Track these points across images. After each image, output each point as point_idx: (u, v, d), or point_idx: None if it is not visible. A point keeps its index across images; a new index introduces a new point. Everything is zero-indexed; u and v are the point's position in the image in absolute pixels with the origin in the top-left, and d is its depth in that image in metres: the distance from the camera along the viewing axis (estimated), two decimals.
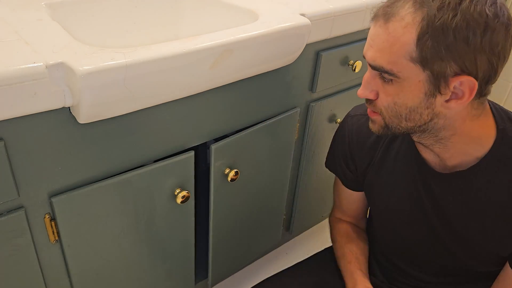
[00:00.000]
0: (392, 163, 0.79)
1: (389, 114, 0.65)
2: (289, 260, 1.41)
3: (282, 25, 0.83)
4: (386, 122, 0.66)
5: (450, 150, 0.68)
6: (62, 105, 0.64)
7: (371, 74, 0.64)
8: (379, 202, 0.84)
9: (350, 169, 0.87)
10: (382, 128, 0.68)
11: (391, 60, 0.59)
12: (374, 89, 0.65)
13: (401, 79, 0.60)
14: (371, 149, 0.82)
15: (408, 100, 0.62)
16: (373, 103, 0.66)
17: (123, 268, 0.89)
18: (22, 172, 0.68)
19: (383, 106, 0.64)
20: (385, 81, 0.62)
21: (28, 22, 0.74)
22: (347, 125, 0.85)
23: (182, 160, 0.85)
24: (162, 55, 0.67)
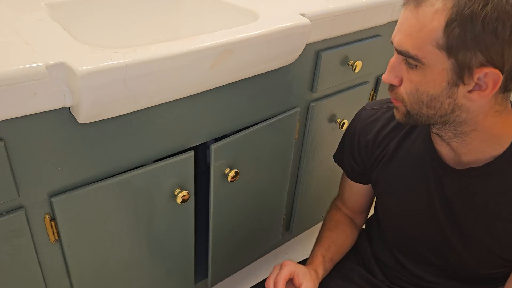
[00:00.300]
0: (404, 158, 0.79)
1: (411, 100, 0.64)
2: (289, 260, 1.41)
3: (282, 25, 0.83)
4: (408, 109, 0.66)
5: (468, 145, 0.68)
6: (62, 105, 0.64)
7: (397, 60, 0.64)
8: (387, 197, 0.83)
9: (356, 161, 0.87)
10: (404, 116, 0.67)
11: (417, 45, 0.59)
12: (399, 75, 0.64)
13: (425, 66, 0.60)
14: (383, 143, 0.82)
15: (430, 88, 0.61)
16: (395, 90, 0.66)
17: (123, 268, 0.89)
18: (22, 172, 0.68)
19: (406, 92, 0.64)
20: (410, 67, 0.62)
21: (28, 22, 0.74)
22: (361, 118, 0.85)
23: (182, 160, 0.85)
24: (162, 55, 0.67)
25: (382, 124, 0.83)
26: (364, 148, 0.85)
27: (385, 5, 1.10)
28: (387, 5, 1.10)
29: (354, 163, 0.88)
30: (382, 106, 0.85)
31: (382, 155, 0.82)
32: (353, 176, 0.91)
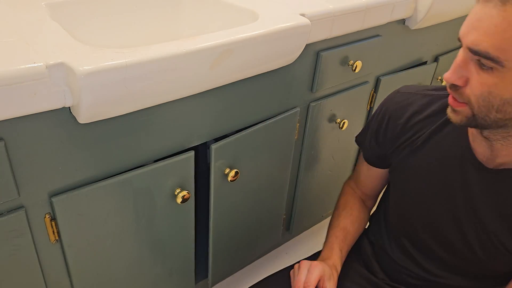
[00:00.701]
0: (434, 150, 0.76)
1: (480, 103, 0.59)
2: (289, 260, 1.41)
3: (282, 25, 0.83)
4: (474, 113, 0.61)
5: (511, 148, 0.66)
6: (62, 105, 0.64)
7: (464, 59, 0.59)
8: (406, 185, 0.82)
9: (379, 143, 0.85)
10: (467, 119, 0.63)
11: (500, 46, 0.54)
12: (465, 75, 0.59)
13: (505, 69, 0.55)
14: (412, 130, 0.79)
15: (506, 92, 0.57)
16: (460, 91, 0.61)
17: (123, 268, 0.89)
18: (22, 172, 0.68)
19: (474, 94, 0.59)
20: (483, 69, 0.57)
21: (28, 22, 0.74)
22: (394, 100, 0.82)
23: (182, 160, 0.85)
24: (162, 55, 0.68)
25: (415, 110, 0.79)
26: (392, 131, 0.82)
27: (385, 5, 1.10)
28: (387, 5, 1.10)
29: (375, 144, 0.86)
30: (418, 91, 0.82)
31: (409, 141, 0.80)
32: (370, 159, 0.90)
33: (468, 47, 0.57)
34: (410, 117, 0.80)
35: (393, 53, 1.28)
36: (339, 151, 1.30)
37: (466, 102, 0.61)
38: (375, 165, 0.90)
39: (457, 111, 0.63)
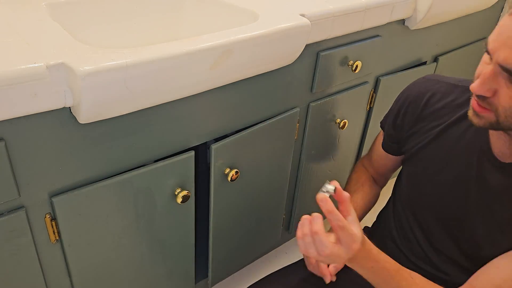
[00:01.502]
0: (451, 142, 0.77)
1: (507, 114, 0.60)
2: (289, 259, 1.41)
3: (282, 25, 0.84)
4: (499, 121, 0.61)
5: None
6: (62, 105, 0.64)
7: (494, 72, 0.58)
8: (421, 175, 0.82)
9: (396, 127, 0.85)
10: (490, 124, 0.63)
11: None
12: (494, 87, 0.59)
13: None
14: (430, 117, 0.80)
15: None
16: (487, 100, 0.61)
17: (123, 268, 0.89)
18: (23, 172, 0.68)
19: (502, 106, 0.59)
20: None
21: (28, 22, 0.75)
22: (417, 86, 0.83)
23: (182, 160, 0.85)
24: (162, 55, 0.68)
25: (436, 98, 0.80)
26: (410, 115, 0.82)
27: (384, 5, 1.10)
28: (387, 6, 1.11)
29: (392, 129, 0.87)
30: (443, 79, 0.82)
31: (426, 129, 0.80)
32: (387, 145, 0.91)
33: (500, 64, 0.57)
34: (429, 104, 0.80)
35: (393, 53, 1.28)
36: (339, 151, 1.30)
37: (493, 111, 0.61)
38: (389, 151, 0.91)
39: (481, 116, 0.63)
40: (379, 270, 0.71)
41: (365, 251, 0.69)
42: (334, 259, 0.67)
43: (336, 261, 0.68)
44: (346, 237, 0.66)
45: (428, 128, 0.80)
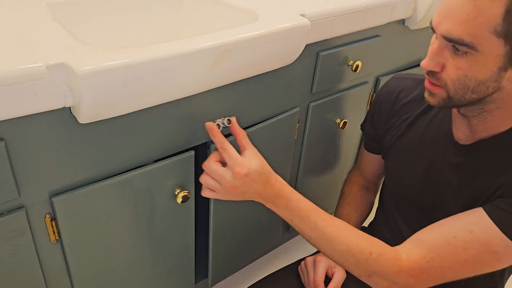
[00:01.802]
0: (420, 132, 0.81)
1: (456, 86, 0.64)
2: (289, 259, 1.41)
3: (282, 25, 0.84)
4: (450, 95, 0.65)
5: (487, 123, 0.70)
6: (62, 105, 0.64)
7: (439, 46, 0.63)
8: (397, 170, 0.87)
9: (374, 127, 0.91)
10: (443, 101, 0.67)
11: (473, 33, 0.58)
12: (441, 61, 0.64)
13: (478, 53, 0.60)
14: (399, 112, 0.85)
15: (481, 74, 0.62)
16: (436, 75, 0.65)
17: (123, 268, 0.89)
18: (23, 172, 0.68)
19: (451, 78, 0.64)
20: (457, 54, 0.61)
21: (28, 22, 0.75)
22: (387, 85, 0.89)
23: (182, 160, 0.86)
24: (162, 55, 0.68)
25: (403, 94, 0.86)
26: (383, 113, 0.88)
27: (384, 5, 1.10)
28: (387, 6, 1.11)
29: (372, 130, 0.92)
30: (410, 76, 0.88)
31: (397, 124, 0.85)
32: (368, 145, 0.96)
33: (443, 35, 0.61)
34: (397, 100, 0.86)
35: (393, 53, 1.28)
36: (339, 151, 1.30)
37: (443, 86, 0.65)
38: (371, 151, 0.97)
39: (434, 94, 0.67)
40: (295, 209, 0.75)
41: (274, 188, 0.75)
42: (225, 183, 0.72)
43: (228, 188, 0.73)
44: (229, 160, 0.72)
45: (400, 122, 0.85)
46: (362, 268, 0.72)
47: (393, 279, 0.71)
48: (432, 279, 0.71)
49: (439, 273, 0.70)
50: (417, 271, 0.70)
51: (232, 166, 0.72)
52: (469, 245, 0.68)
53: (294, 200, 0.76)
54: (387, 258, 0.71)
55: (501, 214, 0.67)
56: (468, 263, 0.68)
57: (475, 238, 0.67)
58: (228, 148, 0.73)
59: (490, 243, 0.67)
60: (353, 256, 0.72)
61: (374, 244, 0.73)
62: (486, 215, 0.68)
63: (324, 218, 0.75)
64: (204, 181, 0.76)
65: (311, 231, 0.75)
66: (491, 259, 0.67)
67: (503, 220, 0.66)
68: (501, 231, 0.66)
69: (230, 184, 0.72)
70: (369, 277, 0.73)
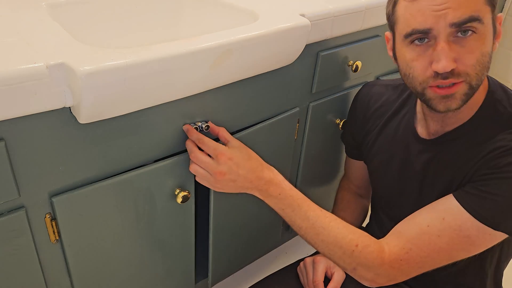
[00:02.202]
0: (390, 134, 0.85)
1: (477, 70, 0.65)
2: (289, 259, 1.41)
3: (282, 25, 0.84)
4: (472, 84, 0.66)
5: (459, 114, 0.72)
6: (62, 105, 0.64)
7: (447, 43, 0.64)
8: (376, 172, 0.90)
9: (353, 134, 0.94)
10: (465, 96, 0.67)
11: (476, 7, 0.62)
12: (453, 56, 0.64)
13: (483, 26, 0.63)
14: (373, 117, 0.89)
15: (488, 46, 0.65)
16: (455, 71, 0.65)
17: (123, 268, 0.89)
18: (23, 172, 0.68)
19: (470, 65, 0.64)
20: (466, 38, 0.63)
21: (28, 22, 0.75)
22: (360, 93, 0.94)
23: (182, 160, 0.85)
24: (162, 55, 0.68)
25: (375, 100, 0.90)
26: (359, 120, 0.93)
27: (384, 5, 1.09)
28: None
29: (351, 138, 0.96)
30: (378, 83, 0.93)
31: (372, 128, 0.89)
32: (350, 152, 1.01)
33: (454, 23, 0.62)
34: (369, 106, 0.91)
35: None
36: (339, 151, 1.30)
37: (463, 79, 0.65)
38: (354, 157, 1.00)
39: (454, 96, 0.66)
40: (287, 198, 0.77)
41: (267, 176, 0.77)
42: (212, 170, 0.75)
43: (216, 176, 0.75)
44: (209, 149, 0.76)
45: (374, 126, 0.89)
46: (348, 260, 0.74)
47: (376, 271, 0.72)
48: (413, 269, 0.72)
49: (419, 262, 0.71)
50: (398, 263, 0.72)
51: (214, 153, 0.76)
52: (442, 233, 0.69)
53: (287, 188, 0.78)
54: (371, 250, 0.73)
55: (469, 198, 0.68)
56: (443, 251, 0.70)
57: (448, 225, 0.69)
58: (206, 141, 0.77)
59: (462, 228, 0.68)
60: (340, 247, 0.74)
61: (361, 237, 0.74)
62: (455, 201, 0.69)
63: (314, 209, 0.78)
64: (194, 170, 0.79)
65: (302, 221, 0.77)
66: (465, 244, 0.69)
67: (471, 204, 0.68)
68: (470, 214, 0.67)
69: (217, 171, 0.75)
70: (354, 270, 0.74)
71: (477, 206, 0.67)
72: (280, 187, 0.78)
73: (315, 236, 0.76)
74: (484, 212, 0.66)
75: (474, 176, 0.70)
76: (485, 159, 0.69)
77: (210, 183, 0.78)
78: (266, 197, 0.79)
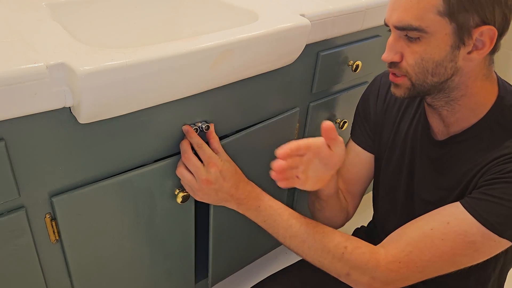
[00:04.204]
0: (407, 126, 0.83)
1: (416, 71, 0.68)
2: (289, 259, 1.41)
3: (282, 25, 0.84)
4: (412, 82, 0.69)
5: (456, 113, 0.72)
6: (62, 105, 0.64)
7: (394, 38, 0.68)
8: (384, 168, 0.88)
9: (368, 121, 0.91)
10: (408, 90, 0.70)
11: (418, 16, 0.63)
12: (399, 51, 0.68)
13: (428, 34, 0.64)
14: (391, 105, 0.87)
15: (435, 54, 0.65)
16: (398, 66, 0.69)
17: (123, 268, 0.89)
18: (23, 172, 0.68)
19: (410, 64, 0.67)
20: (411, 41, 0.66)
21: (28, 22, 0.75)
22: (381, 81, 0.90)
23: None
24: (162, 55, 0.68)
25: (383, 90, 0.88)
26: (381, 108, 0.89)
27: (384, 5, 1.10)
28: (387, 6, 1.10)
29: (366, 123, 0.92)
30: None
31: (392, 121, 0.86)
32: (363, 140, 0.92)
33: (394, 25, 0.67)
34: (380, 95, 0.89)
35: None
36: None
37: (405, 74, 0.69)
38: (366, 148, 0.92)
39: (398, 85, 0.71)
40: (267, 209, 0.78)
41: (246, 190, 0.80)
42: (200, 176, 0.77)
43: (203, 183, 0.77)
44: (204, 156, 0.78)
45: (393, 119, 0.86)
46: (338, 265, 0.72)
47: (372, 274, 0.70)
48: (413, 273, 0.70)
49: (419, 267, 0.69)
50: (396, 265, 0.69)
51: (208, 161, 0.77)
52: (446, 236, 0.67)
53: (265, 199, 0.79)
54: (363, 251, 0.71)
55: (475, 203, 0.67)
56: (446, 255, 0.68)
57: (452, 229, 0.67)
58: (204, 147, 0.79)
59: (467, 233, 0.66)
60: (328, 251, 0.72)
61: (349, 239, 0.73)
62: (461, 207, 0.68)
63: (297, 216, 0.77)
64: (180, 174, 0.80)
65: (285, 230, 0.76)
66: (469, 249, 0.67)
67: (477, 209, 0.66)
68: (476, 220, 0.66)
69: (204, 177, 0.77)
70: (348, 276, 0.72)
71: (483, 211, 0.66)
72: (259, 198, 0.79)
73: (301, 243, 0.74)
74: (490, 217, 0.65)
75: (480, 182, 0.69)
76: (490, 165, 0.68)
77: (193, 190, 0.80)
78: (245, 210, 0.80)
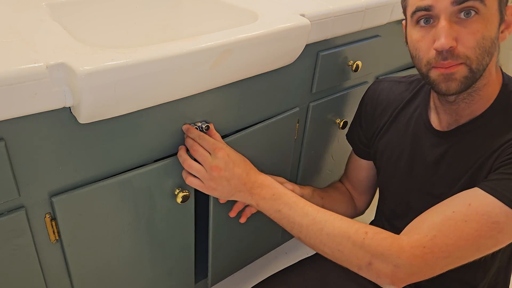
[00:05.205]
0: (405, 124, 0.84)
1: (477, 53, 0.65)
2: (289, 259, 1.42)
3: (282, 25, 0.84)
4: (473, 67, 0.66)
5: (473, 105, 0.71)
6: (62, 105, 0.64)
7: (448, 23, 0.64)
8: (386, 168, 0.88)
9: (363, 130, 0.92)
10: (466, 79, 0.67)
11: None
12: (454, 35, 0.65)
13: (486, 8, 0.63)
14: (382, 114, 0.88)
15: (492, 31, 0.64)
16: (454, 53, 0.65)
17: (123, 268, 0.89)
18: (23, 172, 0.68)
19: (471, 47, 0.64)
20: (468, 20, 0.63)
21: (28, 22, 0.75)
22: (370, 89, 0.93)
23: None
24: (162, 55, 0.68)
25: (385, 95, 0.89)
26: (370, 116, 0.91)
27: (384, 5, 1.10)
28: (387, 6, 1.11)
29: (361, 132, 0.94)
30: (388, 79, 0.92)
31: (381, 124, 0.88)
32: (359, 151, 0.98)
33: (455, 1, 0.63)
34: (379, 101, 0.90)
35: (393, 53, 1.28)
36: (339, 151, 1.30)
37: (463, 60, 0.65)
38: (363, 156, 0.98)
39: (454, 77, 0.66)
40: (282, 196, 0.76)
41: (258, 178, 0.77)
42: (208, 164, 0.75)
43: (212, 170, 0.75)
44: (208, 144, 0.76)
45: (383, 123, 0.88)
46: (360, 253, 0.67)
47: (395, 261, 0.65)
48: (439, 260, 0.65)
49: (444, 251, 0.65)
50: (421, 250, 0.65)
51: (213, 147, 0.76)
52: (469, 217, 0.65)
53: (279, 188, 0.77)
54: (385, 236, 0.67)
55: (495, 184, 0.66)
56: (471, 237, 0.64)
57: (474, 210, 0.65)
58: (206, 137, 0.78)
59: (490, 214, 0.64)
60: (348, 238, 0.68)
61: (369, 226, 0.70)
62: (480, 190, 0.66)
63: (311, 204, 0.75)
64: (188, 165, 0.78)
65: (302, 218, 0.74)
66: (493, 230, 0.64)
67: (498, 189, 0.65)
68: (498, 200, 0.64)
69: (213, 165, 0.74)
70: (370, 266, 0.67)
71: (503, 190, 0.64)
72: (273, 187, 0.77)
73: (319, 231, 0.71)
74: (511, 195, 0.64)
75: (494, 165, 0.68)
76: (503, 148, 0.68)
77: (205, 180, 0.76)
78: (259, 200, 0.77)
